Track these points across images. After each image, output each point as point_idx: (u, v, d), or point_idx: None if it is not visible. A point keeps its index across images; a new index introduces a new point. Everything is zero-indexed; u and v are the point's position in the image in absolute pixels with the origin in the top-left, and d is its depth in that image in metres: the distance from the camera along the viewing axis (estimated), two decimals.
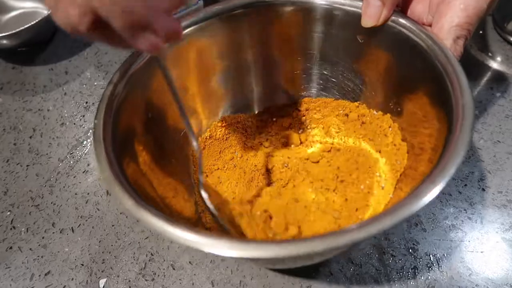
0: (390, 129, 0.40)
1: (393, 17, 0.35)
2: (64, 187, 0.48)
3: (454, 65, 0.31)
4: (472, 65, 0.55)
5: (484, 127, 0.49)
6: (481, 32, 0.59)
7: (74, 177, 0.49)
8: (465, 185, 0.45)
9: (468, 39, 0.34)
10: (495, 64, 0.55)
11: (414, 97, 0.37)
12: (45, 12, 0.65)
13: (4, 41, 0.56)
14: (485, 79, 0.54)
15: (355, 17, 0.37)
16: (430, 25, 0.36)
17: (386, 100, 0.41)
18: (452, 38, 0.33)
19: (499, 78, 0.53)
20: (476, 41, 0.57)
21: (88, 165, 0.50)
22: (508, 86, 0.52)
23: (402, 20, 0.35)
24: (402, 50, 0.36)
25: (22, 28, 0.55)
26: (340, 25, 0.39)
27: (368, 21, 0.36)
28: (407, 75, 0.37)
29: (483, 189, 0.44)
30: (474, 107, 0.29)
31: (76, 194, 0.48)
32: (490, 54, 0.56)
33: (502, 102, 0.51)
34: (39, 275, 0.42)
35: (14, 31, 0.55)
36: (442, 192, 0.27)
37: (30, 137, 0.53)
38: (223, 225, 0.35)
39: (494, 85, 0.53)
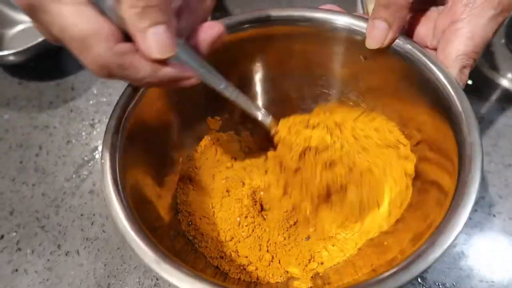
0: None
1: (399, 41, 0.35)
2: (70, 207, 0.48)
3: (463, 101, 0.31)
4: (483, 84, 0.54)
5: (495, 149, 0.48)
6: (491, 48, 0.58)
7: (80, 197, 0.49)
8: (476, 210, 0.44)
9: (472, 67, 0.33)
10: (506, 83, 0.54)
11: (422, 127, 0.36)
12: None
13: (11, 58, 0.56)
14: (495, 97, 0.53)
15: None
16: (434, 49, 0.35)
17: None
18: (458, 67, 0.32)
19: (510, 97, 0.52)
20: (487, 59, 0.56)
21: (94, 185, 0.50)
22: None
23: (408, 46, 0.34)
24: (407, 78, 0.36)
25: (30, 45, 0.55)
26: (348, 46, 0.39)
27: (372, 43, 0.35)
28: (411, 103, 0.37)
29: (494, 215, 0.44)
30: (481, 151, 0.28)
31: (82, 215, 0.47)
32: (501, 72, 0.55)
33: None
34: None
35: (22, 48, 0.55)
36: None
37: (36, 155, 0.53)
38: None
39: (506, 104, 0.52)
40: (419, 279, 0.40)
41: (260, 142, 0.46)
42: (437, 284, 0.40)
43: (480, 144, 0.29)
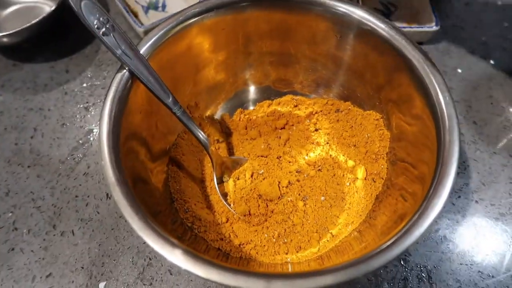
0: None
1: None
2: (64, 189, 0.49)
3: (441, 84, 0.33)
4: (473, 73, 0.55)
5: (481, 138, 0.49)
6: None
7: (74, 179, 0.50)
8: (459, 196, 0.46)
9: None
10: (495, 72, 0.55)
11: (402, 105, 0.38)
12: (46, 7, 0.65)
13: (5, 39, 0.56)
14: (484, 85, 0.54)
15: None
16: None
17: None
18: None
19: (498, 84, 0.53)
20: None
21: (88, 167, 0.51)
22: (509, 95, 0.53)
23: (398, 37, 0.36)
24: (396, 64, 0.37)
25: (24, 26, 0.55)
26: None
27: None
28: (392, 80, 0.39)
29: (477, 201, 0.45)
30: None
31: (76, 196, 0.48)
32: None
33: (499, 111, 0.51)
34: (41, 277, 0.43)
35: (15, 30, 0.55)
36: None
37: (31, 137, 0.54)
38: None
39: (493, 93, 0.53)
40: (401, 261, 0.42)
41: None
42: (419, 266, 0.41)
43: (457, 124, 0.31)
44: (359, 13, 0.38)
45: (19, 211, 0.48)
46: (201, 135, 0.41)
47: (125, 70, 0.36)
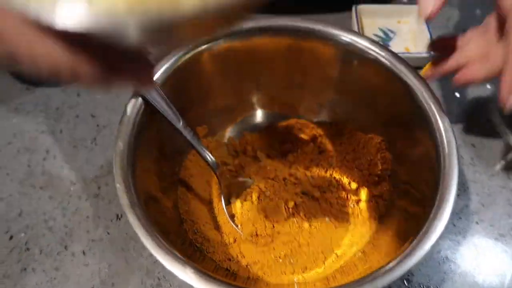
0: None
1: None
2: (76, 210, 0.50)
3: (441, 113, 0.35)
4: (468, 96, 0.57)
5: (480, 160, 0.51)
6: None
7: (85, 200, 0.51)
8: (460, 218, 0.47)
9: None
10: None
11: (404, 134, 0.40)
12: None
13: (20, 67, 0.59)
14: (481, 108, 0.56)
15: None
16: None
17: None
18: None
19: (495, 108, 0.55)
20: None
21: (99, 188, 0.52)
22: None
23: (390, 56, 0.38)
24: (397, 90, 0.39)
25: None
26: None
27: (424, 13, 0.36)
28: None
29: (477, 222, 0.46)
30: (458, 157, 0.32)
31: (87, 217, 0.50)
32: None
33: (497, 134, 0.53)
34: None
35: None
36: None
37: (44, 159, 0.55)
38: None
39: (491, 116, 0.55)
40: (405, 282, 0.43)
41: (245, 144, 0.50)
42: (422, 286, 0.42)
43: (457, 154, 0.32)
44: (362, 43, 0.40)
45: (32, 231, 0.49)
46: (209, 157, 0.43)
47: (138, 96, 0.37)
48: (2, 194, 0.52)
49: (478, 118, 0.55)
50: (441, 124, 0.35)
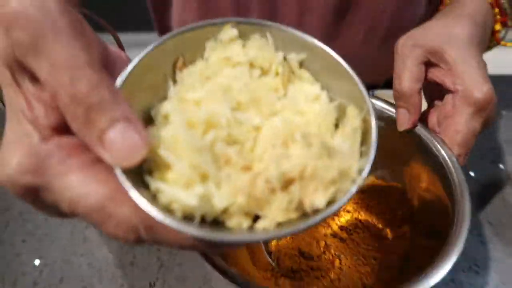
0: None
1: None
2: (112, 277, 0.53)
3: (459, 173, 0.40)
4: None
5: (499, 238, 0.53)
6: None
7: (121, 268, 0.54)
8: None
9: (466, 154, 0.42)
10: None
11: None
12: None
13: None
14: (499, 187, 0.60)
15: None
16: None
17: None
18: (455, 156, 0.41)
19: None
20: None
21: (134, 257, 0.55)
22: None
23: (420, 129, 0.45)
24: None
25: None
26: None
27: (400, 126, 0.44)
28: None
29: None
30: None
31: (122, 285, 0.52)
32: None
33: None
34: None
35: None
36: None
37: (86, 227, 0.59)
38: None
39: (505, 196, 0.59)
40: None
41: None
42: None
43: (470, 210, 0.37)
44: (379, 104, 0.47)
45: None
46: None
47: None
48: (47, 260, 0.55)
49: (493, 197, 0.59)
50: (456, 175, 0.39)
